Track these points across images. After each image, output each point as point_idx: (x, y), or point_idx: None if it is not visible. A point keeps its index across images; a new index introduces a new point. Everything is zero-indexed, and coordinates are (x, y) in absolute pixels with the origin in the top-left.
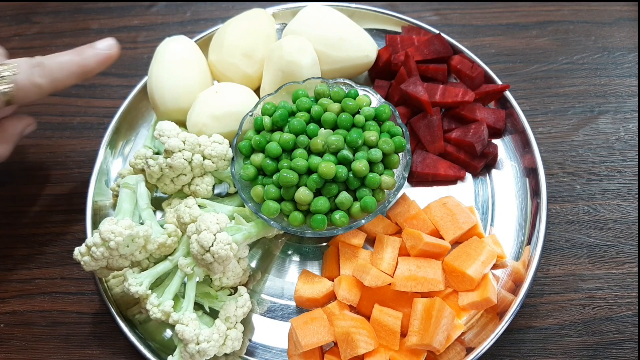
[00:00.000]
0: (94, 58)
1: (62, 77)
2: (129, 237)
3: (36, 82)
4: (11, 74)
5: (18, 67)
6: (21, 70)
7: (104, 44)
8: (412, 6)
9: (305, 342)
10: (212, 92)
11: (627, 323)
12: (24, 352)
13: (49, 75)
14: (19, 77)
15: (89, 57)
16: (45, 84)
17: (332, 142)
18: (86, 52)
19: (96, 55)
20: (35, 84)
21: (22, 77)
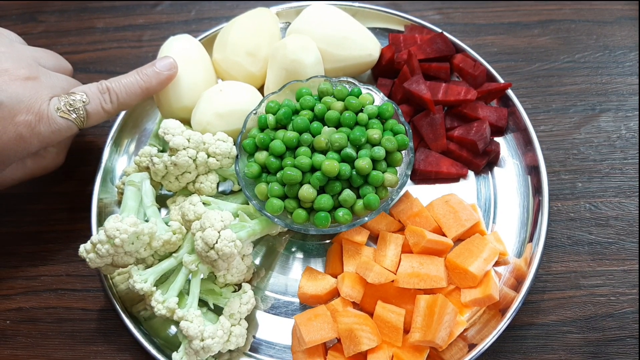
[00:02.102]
0: (156, 79)
1: (127, 101)
2: (134, 234)
3: (105, 109)
4: (83, 105)
5: (89, 95)
6: (91, 99)
7: (165, 64)
8: (415, 5)
9: (308, 339)
10: (217, 91)
11: (628, 320)
12: (29, 349)
13: (116, 100)
14: (89, 106)
15: (151, 78)
16: (112, 110)
17: (336, 140)
18: (148, 74)
19: (158, 76)
20: (104, 110)
21: (92, 105)
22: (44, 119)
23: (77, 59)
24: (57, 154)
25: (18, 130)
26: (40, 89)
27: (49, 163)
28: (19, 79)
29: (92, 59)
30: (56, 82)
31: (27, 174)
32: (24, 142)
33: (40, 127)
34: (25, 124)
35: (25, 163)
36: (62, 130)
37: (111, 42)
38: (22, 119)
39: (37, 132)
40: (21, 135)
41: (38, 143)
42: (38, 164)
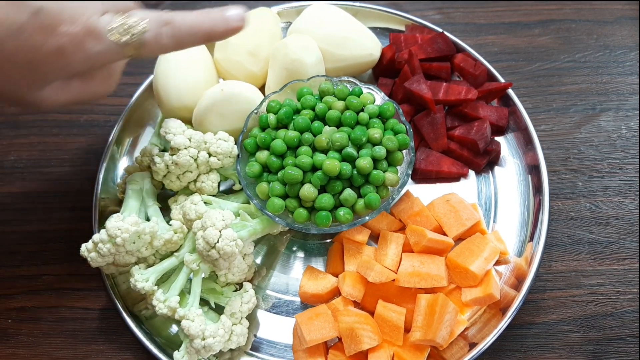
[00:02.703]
0: (223, 26)
1: (187, 41)
2: (135, 233)
3: (162, 42)
4: (141, 31)
5: (148, 23)
6: (150, 28)
7: (234, 14)
8: (416, 5)
9: (310, 338)
10: (218, 90)
11: (628, 319)
12: (31, 348)
13: (176, 36)
14: (147, 35)
15: (217, 24)
16: (170, 45)
17: (337, 140)
18: (216, 19)
19: (225, 23)
20: (161, 44)
21: (150, 34)
22: (92, 36)
23: None
24: (108, 78)
25: (59, 43)
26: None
27: (98, 87)
28: None
29: None
30: None
31: (73, 96)
32: (66, 57)
33: (86, 43)
34: (68, 36)
35: (70, 84)
36: (111, 53)
37: None
38: (65, 30)
39: (82, 49)
40: (63, 49)
41: (82, 62)
42: (85, 86)
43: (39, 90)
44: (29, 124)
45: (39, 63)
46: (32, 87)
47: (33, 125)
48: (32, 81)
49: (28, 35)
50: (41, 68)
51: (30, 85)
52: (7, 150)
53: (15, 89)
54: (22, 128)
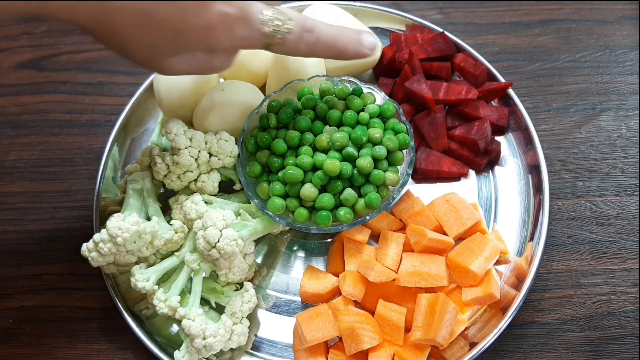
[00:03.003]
0: (354, 49)
1: (320, 52)
2: (135, 233)
3: (299, 47)
4: (286, 31)
5: (294, 25)
6: (294, 31)
7: (369, 41)
8: (416, 5)
9: (310, 337)
10: (219, 90)
11: (628, 318)
12: (32, 347)
13: (314, 45)
14: (290, 36)
15: (351, 44)
16: (304, 52)
17: (337, 140)
18: (351, 39)
19: (357, 47)
20: (297, 48)
21: (292, 37)
22: (244, 20)
23: (79, 59)
24: (229, 56)
25: (211, 20)
26: None
27: (219, 63)
28: None
29: (95, 58)
30: None
31: (195, 68)
32: (212, 34)
33: (235, 26)
34: (221, 15)
35: (196, 55)
36: (253, 41)
37: None
38: (219, 8)
39: (230, 30)
40: (212, 26)
41: (224, 42)
42: (208, 61)
43: (171, 57)
44: (30, 123)
45: (185, 34)
46: (168, 54)
47: (34, 125)
48: (170, 49)
49: (183, 6)
50: (185, 39)
51: (166, 51)
52: (8, 150)
53: (151, 53)
54: (23, 128)
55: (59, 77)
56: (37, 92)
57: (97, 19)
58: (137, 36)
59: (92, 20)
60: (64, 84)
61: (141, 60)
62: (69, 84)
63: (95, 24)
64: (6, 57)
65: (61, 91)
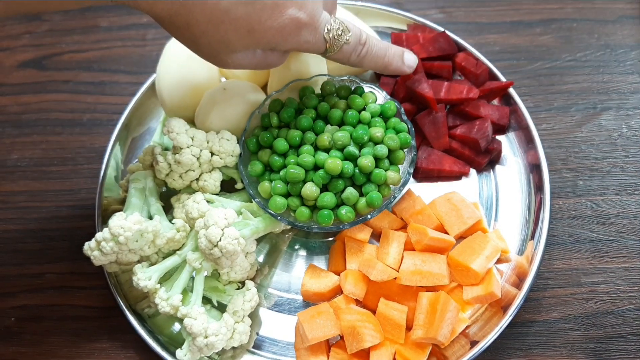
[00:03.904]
0: (396, 65)
1: (366, 64)
2: (138, 232)
3: (350, 57)
4: (344, 42)
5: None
6: (351, 42)
7: (412, 59)
8: (418, 4)
9: (312, 336)
10: (220, 89)
11: (629, 317)
12: (34, 346)
13: (363, 57)
14: (346, 47)
15: (394, 61)
16: (355, 62)
17: (339, 139)
18: (395, 57)
19: (399, 65)
20: (349, 58)
21: (348, 47)
22: (311, 26)
23: (81, 58)
24: (284, 54)
25: (283, 23)
26: None
27: (273, 60)
28: None
29: (96, 57)
30: None
31: (253, 63)
32: (281, 37)
33: (304, 31)
34: (292, 19)
35: (255, 52)
36: (314, 46)
37: (115, 40)
38: (292, 13)
39: (298, 34)
40: (283, 29)
41: (290, 44)
42: (265, 58)
43: (237, 53)
44: (32, 122)
45: (257, 33)
46: (234, 50)
47: (36, 124)
48: (239, 46)
49: (260, 7)
50: (256, 38)
51: (235, 48)
52: (10, 149)
53: (219, 48)
54: (25, 127)
55: (61, 77)
56: (39, 91)
57: (175, 13)
58: (211, 32)
59: (171, 14)
60: (66, 83)
61: (207, 54)
62: (71, 83)
63: (172, 17)
64: (8, 56)
65: (63, 90)
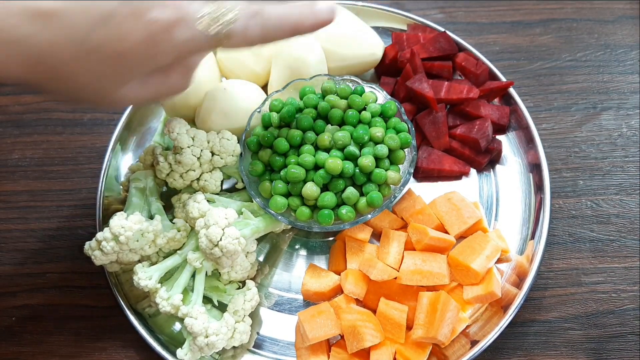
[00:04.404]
0: (312, 19)
1: (274, 34)
2: (138, 231)
3: (249, 35)
4: (230, 21)
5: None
6: (240, 17)
7: (324, 6)
8: (418, 4)
9: (312, 335)
10: (221, 89)
11: (629, 316)
12: (35, 345)
13: (264, 29)
14: (236, 25)
15: (306, 16)
16: (257, 38)
17: (339, 138)
18: (304, 12)
19: (314, 16)
20: (248, 37)
21: (239, 25)
22: (182, 23)
23: None
24: (185, 73)
25: (150, 30)
26: None
27: (176, 83)
28: None
29: None
30: None
31: (151, 93)
32: (154, 47)
33: (175, 31)
34: (159, 23)
35: (149, 80)
36: (197, 43)
37: None
38: (154, 16)
39: (171, 37)
40: (152, 37)
41: (169, 52)
42: (164, 82)
43: (121, 87)
44: (33, 122)
45: (127, 54)
46: (116, 84)
47: (37, 124)
48: (117, 76)
49: (118, 23)
50: (129, 60)
51: (114, 81)
52: (11, 149)
53: (97, 87)
54: (26, 127)
55: None
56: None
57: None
58: (80, 70)
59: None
60: None
61: (92, 97)
62: None
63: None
64: None
65: None
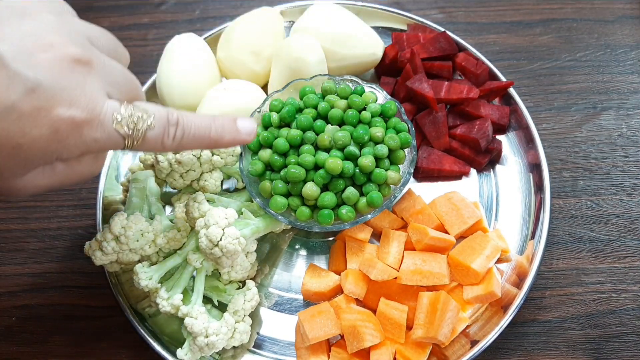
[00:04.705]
0: (230, 136)
1: (190, 144)
2: (138, 231)
3: (164, 142)
4: (146, 128)
5: (156, 120)
6: (156, 126)
7: (246, 126)
8: (418, 4)
9: (312, 335)
10: (221, 89)
11: (629, 316)
12: (35, 345)
13: (180, 138)
14: (151, 132)
15: (225, 132)
16: (171, 147)
17: (339, 138)
18: (225, 126)
19: (234, 134)
20: (163, 144)
21: (154, 133)
22: (94, 123)
23: None
24: (95, 159)
25: (55, 126)
26: (92, 79)
27: (85, 169)
28: (66, 60)
29: None
30: (112, 73)
31: (56, 181)
32: (59, 142)
33: (85, 129)
34: (66, 120)
35: (55, 168)
36: (109, 143)
37: None
38: (63, 113)
39: (79, 134)
40: (57, 131)
41: (75, 148)
42: (71, 170)
43: (19, 177)
44: None
45: (26, 148)
46: (13, 175)
47: None
48: (14, 168)
49: (18, 117)
50: (28, 153)
51: (10, 172)
52: None
53: None
54: None
55: None
56: None
57: None
58: None
59: None
60: None
61: None
62: None
63: None
64: None
65: None
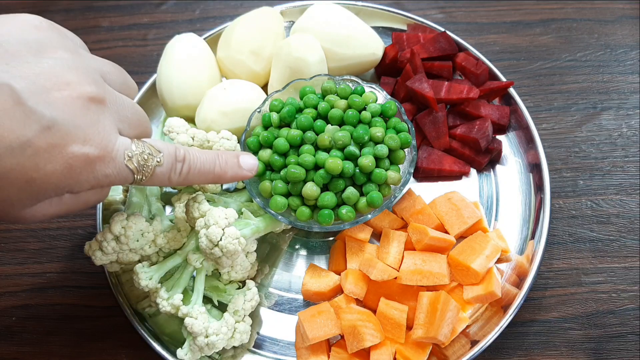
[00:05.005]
0: (232, 172)
1: (195, 179)
2: (138, 231)
3: (171, 178)
4: (155, 164)
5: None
6: (164, 163)
7: (249, 163)
8: (418, 4)
9: (312, 335)
10: (221, 89)
11: (629, 316)
12: (35, 345)
13: (186, 174)
14: (160, 169)
15: (229, 168)
16: (177, 182)
17: (339, 138)
18: (228, 163)
19: (236, 170)
20: (169, 179)
21: (163, 169)
22: (107, 159)
23: None
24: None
25: (69, 162)
26: (106, 116)
27: (92, 199)
28: (81, 99)
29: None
30: (123, 108)
31: (63, 209)
32: (72, 177)
33: (98, 165)
34: (80, 157)
35: (62, 198)
36: (120, 178)
37: (116, 40)
38: (77, 150)
39: (91, 170)
40: (71, 168)
41: (87, 182)
42: (77, 199)
43: (29, 207)
44: None
45: (39, 182)
46: (23, 206)
47: None
48: (25, 200)
49: (33, 153)
50: (41, 187)
51: (21, 203)
52: None
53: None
54: None
55: None
56: None
57: None
58: None
59: None
60: None
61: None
62: None
63: None
64: None
65: None
